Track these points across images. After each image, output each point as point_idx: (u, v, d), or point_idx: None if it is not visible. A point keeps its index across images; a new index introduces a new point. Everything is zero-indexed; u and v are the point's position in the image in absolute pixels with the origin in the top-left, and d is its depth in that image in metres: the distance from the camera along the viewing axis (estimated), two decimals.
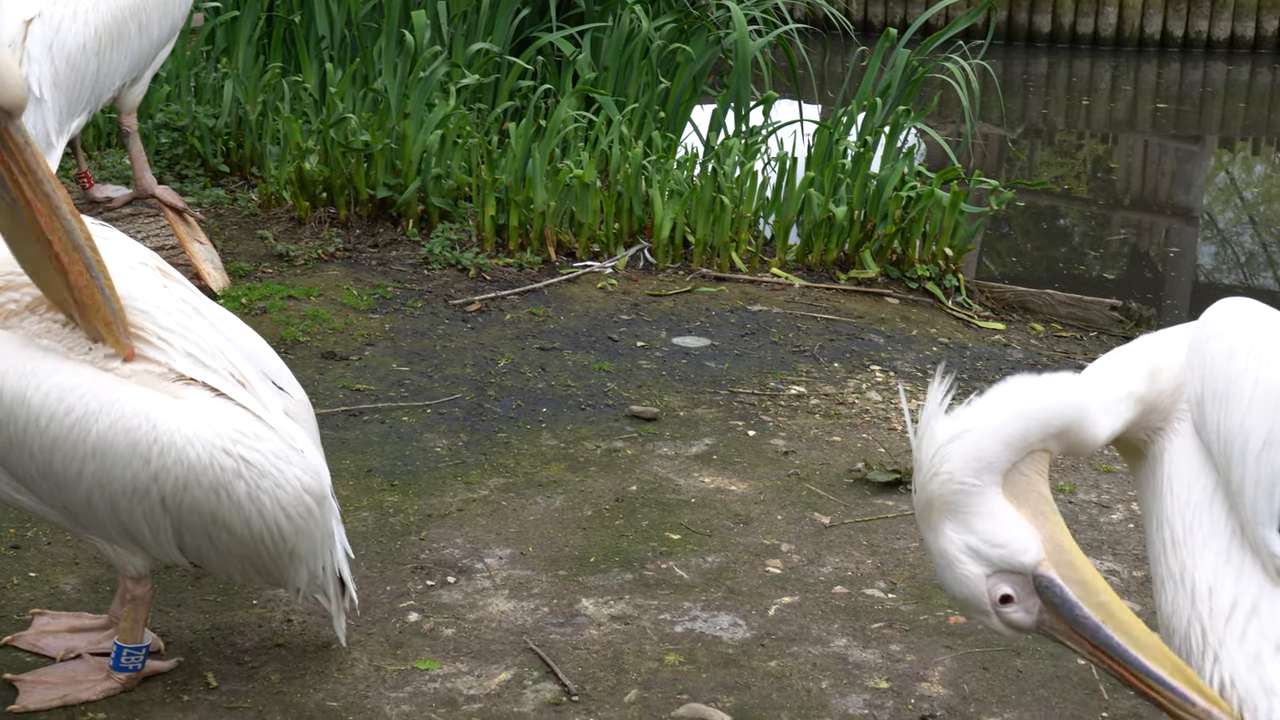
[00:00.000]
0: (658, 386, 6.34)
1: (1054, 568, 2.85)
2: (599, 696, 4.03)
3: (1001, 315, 7.76)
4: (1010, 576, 2.82)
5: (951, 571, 2.85)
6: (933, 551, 2.88)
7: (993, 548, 2.81)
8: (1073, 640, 2.84)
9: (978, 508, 2.82)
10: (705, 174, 8.11)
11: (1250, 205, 14.12)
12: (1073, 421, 2.89)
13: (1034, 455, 2.89)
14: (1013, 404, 2.87)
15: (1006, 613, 2.84)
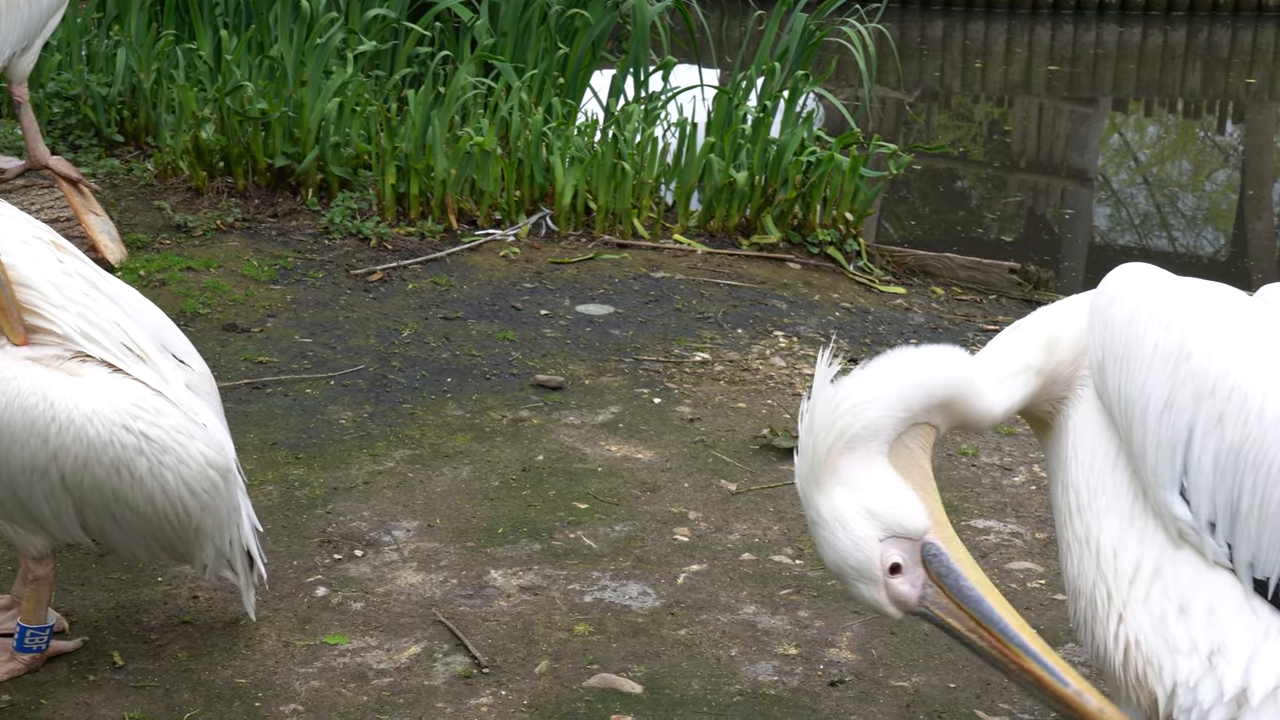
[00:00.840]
0: (562, 355, 6.33)
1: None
2: (509, 668, 4.03)
3: (902, 279, 7.81)
4: (901, 543, 2.82)
5: (845, 535, 2.81)
6: (822, 517, 2.82)
7: (888, 509, 2.81)
8: (954, 616, 2.84)
9: (865, 471, 2.82)
10: (606, 140, 8.09)
11: (1144, 167, 14.31)
12: (956, 396, 2.91)
13: (919, 429, 2.90)
14: (898, 372, 2.88)
15: (894, 584, 2.83)
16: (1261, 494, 2.71)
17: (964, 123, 14.98)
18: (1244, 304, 2.96)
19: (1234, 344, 2.78)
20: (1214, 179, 13.88)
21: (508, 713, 3.81)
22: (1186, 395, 2.77)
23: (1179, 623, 2.79)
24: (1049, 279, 7.88)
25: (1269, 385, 2.73)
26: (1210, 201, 13.06)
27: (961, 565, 2.85)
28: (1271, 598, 2.73)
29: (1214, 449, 2.74)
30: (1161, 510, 2.81)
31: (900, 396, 2.85)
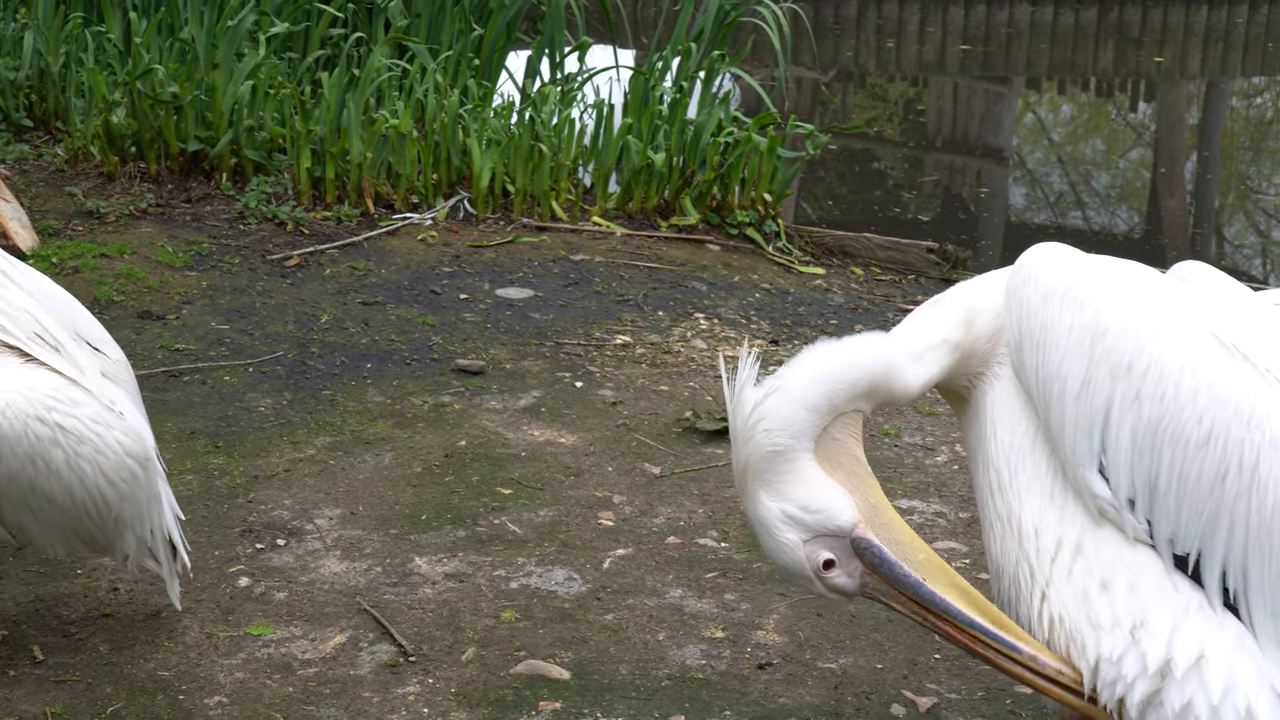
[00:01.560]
0: (483, 339, 6.29)
1: (870, 529, 2.89)
2: (436, 656, 4.00)
3: (822, 260, 7.83)
4: (829, 540, 2.86)
5: (771, 539, 2.89)
6: (751, 520, 2.92)
7: (808, 513, 2.86)
8: (897, 601, 2.88)
9: (790, 475, 2.86)
10: (523, 122, 8.05)
11: (1058, 145, 14.42)
12: (879, 381, 2.93)
13: (845, 418, 2.92)
14: (816, 371, 2.90)
15: (829, 578, 2.89)
16: (1179, 470, 2.73)
17: (879, 103, 15.04)
18: (1158, 281, 2.99)
19: (1149, 321, 2.80)
20: (1127, 157, 14.03)
21: (435, 701, 3.79)
22: (1103, 373, 2.79)
23: (1101, 599, 2.81)
24: (966, 258, 7.93)
25: (1184, 361, 2.75)
26: (1124, 179, 13.20)
27: (899, 548, 2.87)
28: (1192, 573, 2.76)
29: (1131, 426, 2.76)
30: (1081, 488, 2.83)
31: (823, 394, 2.88)
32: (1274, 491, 2.68)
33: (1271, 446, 2.69)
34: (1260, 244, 11.58)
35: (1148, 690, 2.71)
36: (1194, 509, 2.74)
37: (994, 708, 3.85)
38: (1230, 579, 2.72)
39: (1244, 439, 2.70)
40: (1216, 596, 2.74)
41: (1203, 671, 2.68)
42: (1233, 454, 2.70)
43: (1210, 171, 12.63)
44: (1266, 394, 2.73)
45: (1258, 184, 12.96)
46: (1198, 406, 2.73)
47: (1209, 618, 2.73)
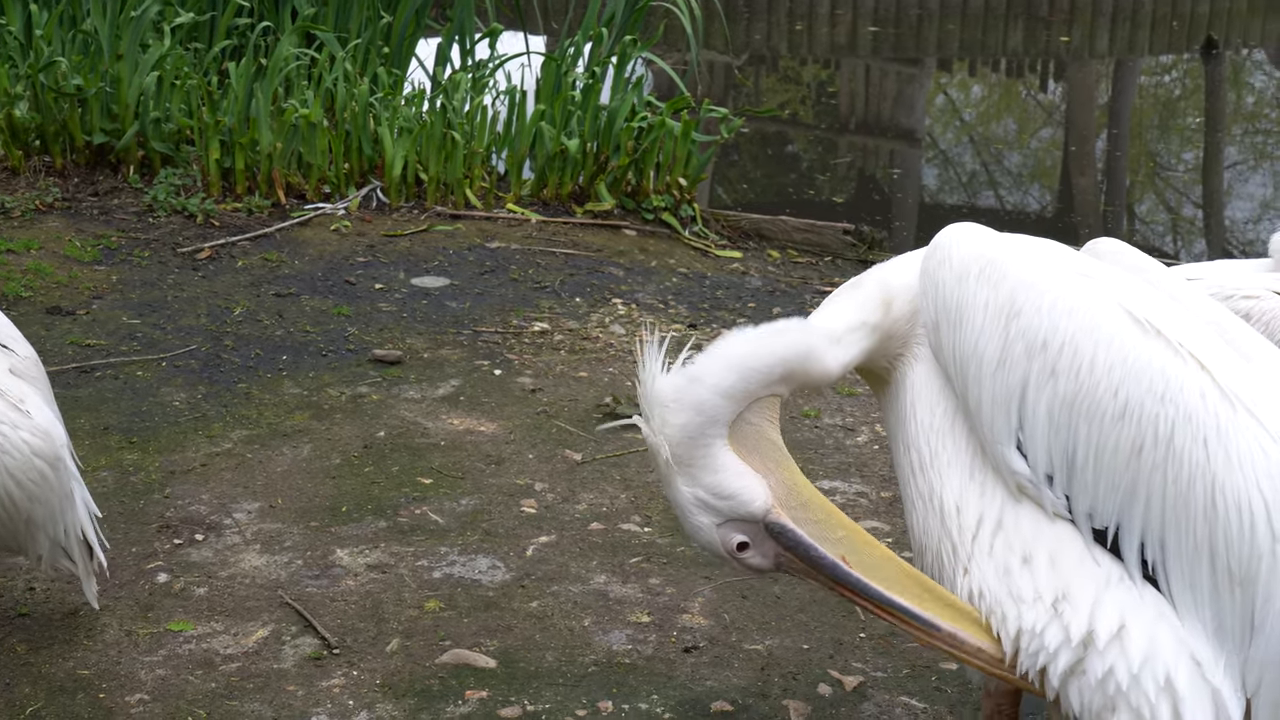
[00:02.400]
0: (399, 329, 6.24)
1: (786, 511, 2.89)
2: (360, 648, 3.97)
3: (738, 243, 7.83)
4: (742, 524, 2.88)
5: (687, 522, 2.92)
6: (670, 503, 2.93)
7: (720, 500, 2.88)
8: (814, 578, 2.89)
9: (704, 461, 2.87)
10: (435, 110, 7.99)
11: (970, 126, 14.52)
12: (795, 367, 2.93)
13: (761, 402, 2.93)
14: (731, 359, 2.90)
15: (744, 558, 2.91)
16: (1096, 444, 2.75)
17: (792, 85, 15.08)
18: (1071, 259, 3.01)
19: (1063, 299, 2.82)
20: (1038, 136, 14.14)
21: (360, 693, 3.75)
22: (1018, 351, 2.81)
23: (1023, 573, 2.83)
24: (882, 239, 7.96)
25: (1098, 337, 2.77)
26: (1035, 159, 13.31)
27: (818, 526, 2.87)
28: (1111, 546, 2.78)
29: (1047, 403, 2.78)
30: (1000, 465, 2.84)
31: (738, 382, 2.89)
32: (1189, 464, 2.70)
33: (1185, 420, 2.71)
34: (1171, 220, 11.72)
35: (1070, 661, 2.74)
36: (1111, 483, 2.76)
37: (920, 684, 3.87)
38: (1149, 551, 2.75)
39: (1158, 413, 2.72)
40: (1136, 568, 2.76)
41: (1123, 641, 2.71)
42: (1147, 428, 2.72)
43: (1120, 149, 12.77)
44: (1180, 368, 2.75)
45: (1167, 161, 13.11)
46: (1112, 381, 2.75)
47: (1129, 589, 2.75)
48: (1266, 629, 2.67)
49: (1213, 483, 2.69)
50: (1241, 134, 13.98)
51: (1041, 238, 3.15)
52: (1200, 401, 2.73)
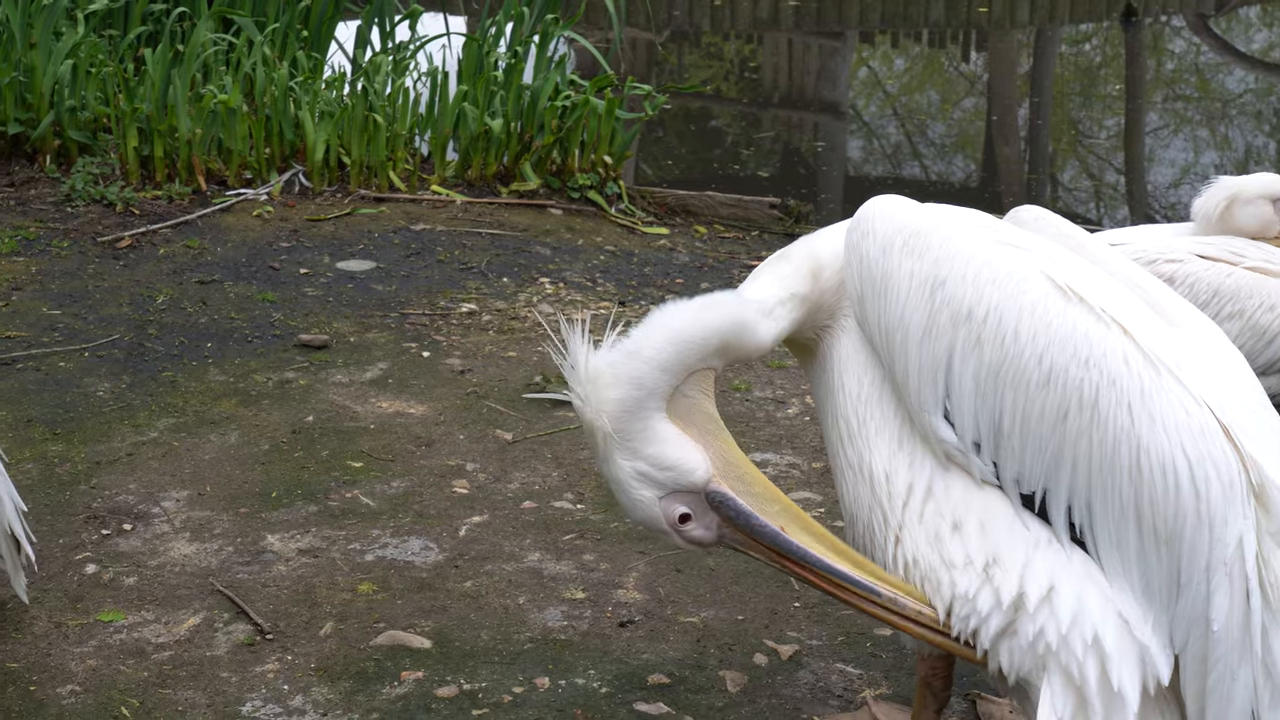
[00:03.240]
0: (325, 313, 6.20)
1: (725, 482, 2.90)
2: (294, 633, 3.94)
3: (665, 220, 7.83)
4: (683, 496, 2.88)
5: (626, 497, 2.90)
6: (608, 479, 2.92)
7: (661, 471, 2.87)
8: (755, 550, 2.90)
9: (643, 434, 2.87)
10: (356, 93, 7.94)
11: (893, 97, 14.57)
12: (730, 339, 2.94)
13: (697, 375, 2.93)
14: (668, 331, 2.90)
15: (686, 530, 2.91)
16: (1022, 411, 2.78)
17: (715, 61, 15.07)
18: (994, 228, 3.04)
19: (986, 268, 2.85)
20: (961, 107, 14.21)
21: (295, 678, 3.73)
22: (944, 321, 2.83)
23: (953, 539, 2.85)
24: (809, 212, 7.99)
25: (1022, 305, 2.80)
26: (959, 129, 13.37)
27: (756, 499, 2.88)
28: (1039, 511, 2.81)
29: (973, 371, 2.80)
30: (928, 434, 2.87)
31: (674, 354, 2.89)
32: (1113, 428, 2.73)
33: (1109, 384, 2.74)
34: (1093, 186, 11.82)
35: (1001, 623, 2.77)
36: (1037, 449, 2.78)
37: (855, 651, 3.89)
38: (1076, 514, 2.78)
39: (1082, 378, 2.75)
40: (1064, 532, 2.79)
41: (1053, 602, 2.74)
42: (1072, 393, 2.75)
43: (1042, 118, 12.84)
44: (1103, 334, 2.78)
45: (1089, 128, 13.21)
46: (1037, 348, 2.77)
47: (1058, 552, 2.78)
48: (1192, 586, 2.70)
49: (1137, 445, 2.72)
50: (1162, 100, 14.11)
51: (966, 207, 3.17)
52: (1124, 366, 2.76)
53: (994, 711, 3.60)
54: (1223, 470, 2.72)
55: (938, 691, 3.25)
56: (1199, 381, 2.84)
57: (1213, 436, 2.75)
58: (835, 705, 3.66)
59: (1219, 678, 2.70)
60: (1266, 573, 2.74)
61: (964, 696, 3.69)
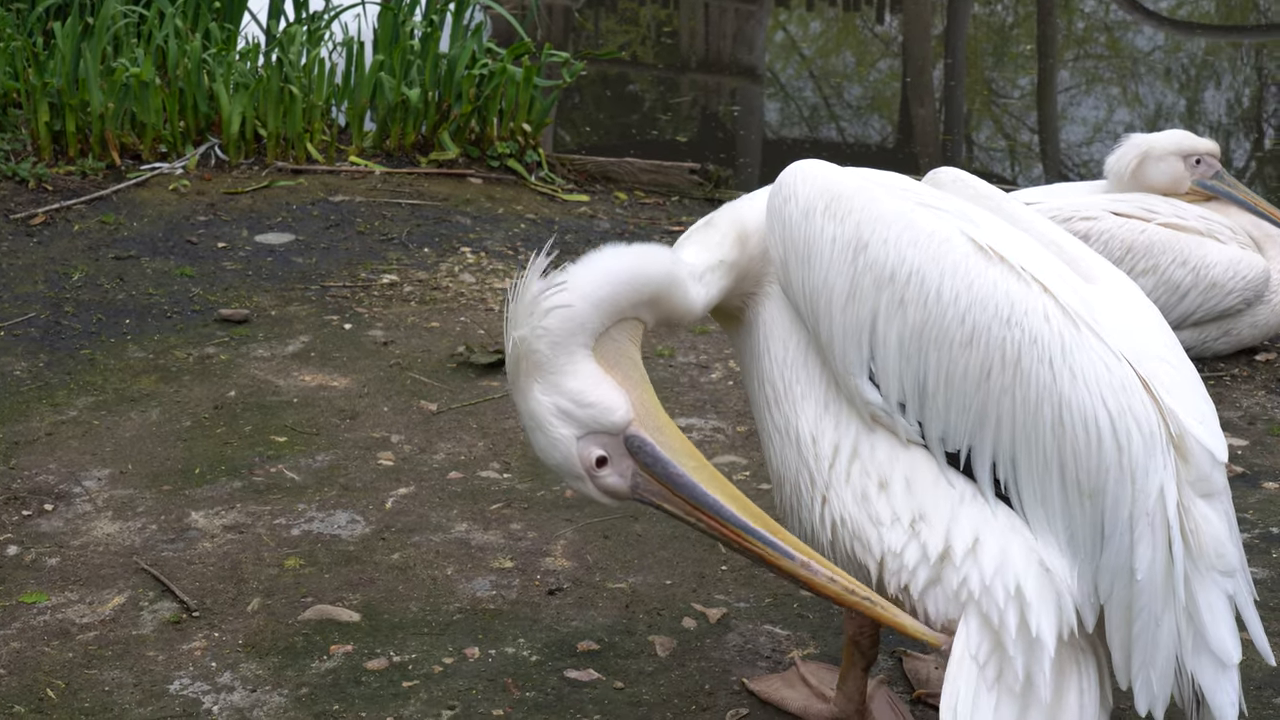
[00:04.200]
0: (245, 287, 6.15)
1: (644, 430, 2.87)
2: (220, 609, 3.92)
3: (585, 187, 7.82)
4: (602, 438, 2.83)
5: (543, 435, 2.83)
6: (524, 416, 2.85)
7: (581, 408, 2.81)
8: (670, 503, 2.86)
9: (566, 368, 2.82)
10: (270, 64, 7.85)
11: (809, 60, 14.60)
12: (663, 290, 2.93)
13: (627, 323, 2.92)
14: (604, 269, 2.88)
15: (601, 476, 2.85)
16: (945, 371, 2.81)
17: (632, 26, 15.04)
18: (914, 190, 3.06)
19: (907, 230, 2.87)
20: (877, 69, 14.27)
21: (223, 654, 3.71)
22: (867, 284, 2.85)
23: (880, 498, 2.89)
24: (728, 177, 8.00)
25: (943, 266, 2.82)
26: (875, 91, 13.43)
27: (673, 453, 2.86)
28: (964, 469, 2.84)
29: (897, 332, 2.83)
30: (854, 396, 2.89)
31: (609, 294, 2.86)
32: (1035, 385, 2.77)
33: (1031, 342, 2.78)
34: (1008, 146, 11.91)
35: (929, 576, 2.81)
36: (962, 407, 2.82)
37: (782, 613, 3.92)
38: (1001, 471, 2.82)
39: (1005, 337, 2.79)
40: (989, 488, 2.83)
41: (978, 555, 2.79)
42: (995, 352, 2.78)
43: (956, 79, 12.92)
44: (1023, 292, 2.82)
45: (1002, 88, 13.31)
46: (959, 309, 2.80)
47: (982, 507, 2.83)
48: (1116, 537, 2.75)
49: (1059, 401, 2.77)
50: (1073, 59, 14.23)
51: (883, 169, 3.19)
52: (1045, 323, 2.80)
53: (920, 668, 3.64)
54: (1143, 423, 2.77)
55: (865, 650, 3.28)
56: (1117, 336, 2.89)
57: (1133, 390, 2.80)
58: (764, 666, 3.69)
59: (1144, 626, 2.75)
60: (1187, 521, 2.81)
61: (891, 654, 3.73)
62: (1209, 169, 5.63)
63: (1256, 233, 5.65)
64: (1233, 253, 5.49)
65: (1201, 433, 2.85)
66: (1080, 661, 2.82)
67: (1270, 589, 4.00)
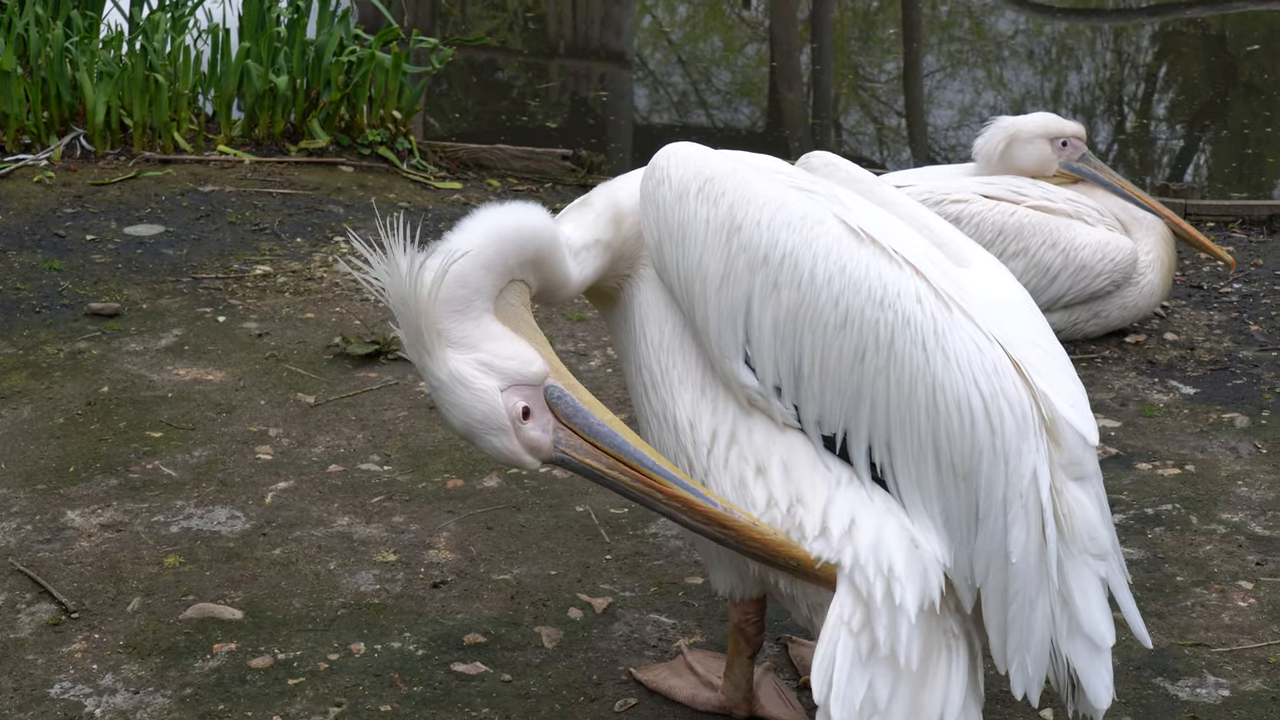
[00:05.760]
0: (116, 280, 6.07)
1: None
2: (100, 610, 3.87)
3: (457, 174, 7.79)
4: (523, 390, 2.80)
5: (467, 390, 2.77)
6: (441, 380, 2.78)
7: (503, 360, 2.79)
8: (592, 456, 2.83)
9: (478, 331, 2.80)
10: (135, 52, 7.73)
11: (678, 45, 14.63)
12: (545, 249, 2.91)
13: (516, 286, 2.91)
14: (487, 229, 2.86)
15: (526, 430, 2.80)
16: (821, 353, 2.84)
17: (499, 12, 14.98)
18: (787, 173, 3.09)
19: (780, 212, 2.89)
20: (744, 54, 14.33)
21: (103, 656, 3.67)
22: (741, 267, 2.87)
23: (758, 483, 2.91)
24: (601, 162, 8.00)
25: (817, 249, 2.85)
26: (743, 76, 13.49)
27: (590, 406, 2.85)
28: (840, 452, 2.88)
29: (772, 315, 2.85)
30: (730, 380, 2.91)
31: (496, 253, 2.84)
32: (909, 367, 2.81)
33: (904, 324, 2.82)
34: (876, 130, 12.03)
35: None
36: (837, 390, 2.85)
37: (668, 601, 3.95)
38: (876, 454, 2.85)
39: (878, 319, 2.82)
40: (865, 471, 2.87)
41: (853, 535, 2.81)
42: (868, 334, 2.82)
43: (823, 63, 13.02)
44: (896, 275, 2.85)
45: (869, 72, 13.44)
46: (833, 291, 2.83)
47: (858, 490, 2.86)
48: (990, 520, 2.80)
49: (933, 383, 2.81)
50: (938, 43, 14.40)
51: (755, 153, 3.22)
52: (917, 306, 2.84)
53: (805, 654, 3.68)
54: (1015, 405, 2.82)
55: (751, 636, 3.31)
56: (989, 319, 2.94)
57: (1005, 372, 2.84)
58: (651, 655, 3.71)
59: (1019, 609, 2.81)
60: (1060, 504, 2.86)
61: (776, 641, 3.77)
62: (1075, 151, 5.73)
63: (1123, 215, 5.77)
64: (1101, 235, 5.60)
65: (1073, 416, 2.90)
66: (951, 646, 2.86)
67: (1146, 570, 4.09)
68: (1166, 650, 3.71)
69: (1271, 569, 4.12)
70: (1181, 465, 4.75)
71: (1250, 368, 5.55)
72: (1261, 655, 3.71)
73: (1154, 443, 4.92)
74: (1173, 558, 4.18)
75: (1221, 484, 4.63)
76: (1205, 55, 13.87)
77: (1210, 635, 3.79)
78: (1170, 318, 6.06)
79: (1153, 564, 4.14)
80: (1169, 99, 12.52)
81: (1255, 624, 3.85)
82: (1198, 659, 3.69)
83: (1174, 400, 5.28)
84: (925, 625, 2.80)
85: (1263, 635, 3.79)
